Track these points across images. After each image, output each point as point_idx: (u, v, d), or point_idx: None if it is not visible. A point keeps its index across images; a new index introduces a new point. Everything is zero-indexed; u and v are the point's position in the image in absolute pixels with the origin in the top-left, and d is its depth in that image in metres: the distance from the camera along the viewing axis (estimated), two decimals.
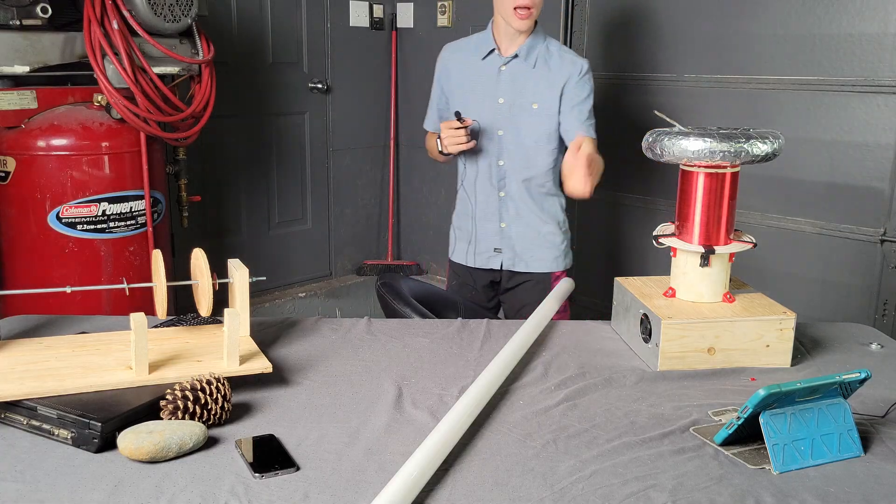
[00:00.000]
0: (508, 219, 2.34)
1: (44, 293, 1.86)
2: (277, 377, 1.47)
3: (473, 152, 2.30)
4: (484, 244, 2.38)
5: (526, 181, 2.30)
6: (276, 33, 3.79)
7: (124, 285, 1.44)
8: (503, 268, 2.39)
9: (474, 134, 2.24)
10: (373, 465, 1.17)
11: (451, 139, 2.18)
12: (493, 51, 2.28)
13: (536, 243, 2.35)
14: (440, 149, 2.25)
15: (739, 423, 1.20)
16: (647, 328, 1.61)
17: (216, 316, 1.57)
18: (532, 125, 2.25)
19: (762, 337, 1.58)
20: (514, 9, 2.14)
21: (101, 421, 1.18)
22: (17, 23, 2.45)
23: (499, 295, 2.47)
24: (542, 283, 2.33)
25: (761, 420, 1.20)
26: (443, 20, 4.03)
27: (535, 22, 2.24)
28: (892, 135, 2.61)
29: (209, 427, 1.25)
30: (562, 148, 2.29)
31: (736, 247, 1.65)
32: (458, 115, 2.20)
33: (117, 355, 1.41)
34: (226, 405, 1.27)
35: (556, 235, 2.36)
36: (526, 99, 2.24)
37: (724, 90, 2.98)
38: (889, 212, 2.65)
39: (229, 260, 1.57)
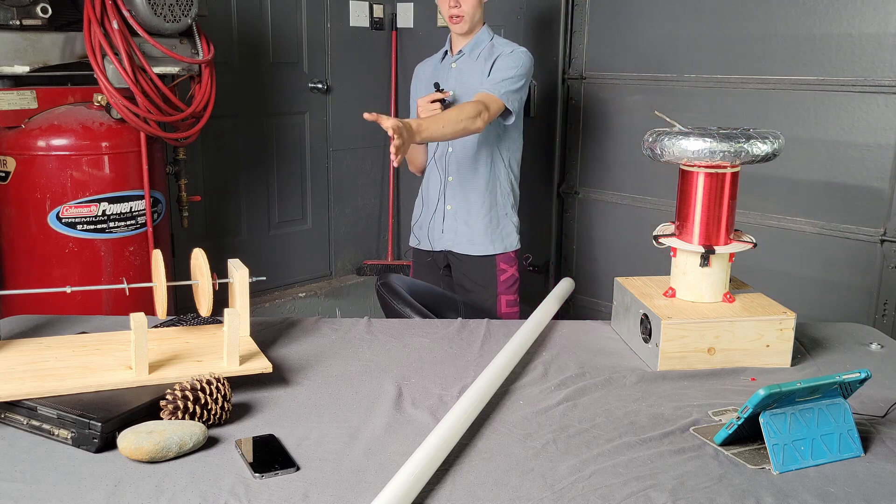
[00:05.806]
0: (454, 202, 2.57)
1: (44, 293, 1.86)
2: (277, 377, 1.47)
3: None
4: (434, 227, 2.61)
5: (468, 166, 2.53)
6: (276, 33, 3.78)
7: (124, 285, 1.44)
8: (451, 250, 2.60)
9: (448, 107, 2.41)
10: (373, 465, 1.17)
11: (427, 111, 2.37)
12: (446, 52, 2.63)
13: (477, 227, 2.56)
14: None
15: (739, 423, 1.20)
16: (647, 328, 1.61)
17: (216, 316, 1.57)
18: None
19: (762, 337, 1.58)
20: (449, 17, 2.51)
21: (101, 421, 1.18)
22: (17, 23, 2.45)
23: (452, 276, 2.66)
24: (486, 265, 2.54)
25: (761, 420, 1.20)
26: (442, 20, 4.03)
27: (484, 23, 2.57)
28: (892, 135, 2.61)
29: (209, 427, 1.25)
30: (509, 135, 2.54)
31: (736, 247, 1.65)
32: (437, 86, 2.44)
33: (117, 355, 1.41)
34: (226, 405, 1.28)
35: (497, 219, 2.57)
36: (469, 89, 2.46)
37: (725, 90, 2.98)
38: (889, 212, 2.65)
39: (229, 260, 1.57)
